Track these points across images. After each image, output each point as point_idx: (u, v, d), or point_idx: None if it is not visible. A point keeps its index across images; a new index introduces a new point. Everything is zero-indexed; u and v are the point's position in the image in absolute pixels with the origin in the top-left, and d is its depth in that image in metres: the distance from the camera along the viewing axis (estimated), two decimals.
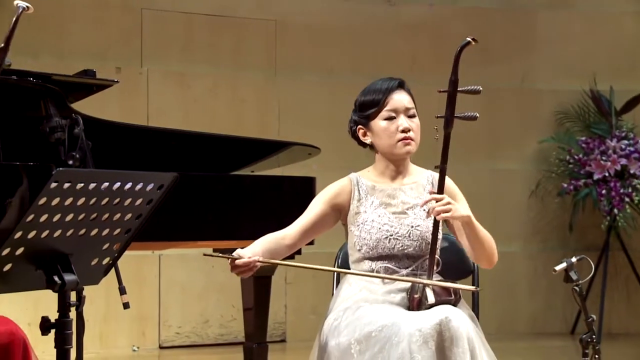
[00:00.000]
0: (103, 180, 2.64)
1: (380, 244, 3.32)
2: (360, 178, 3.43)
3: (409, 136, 3.35)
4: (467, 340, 3.04)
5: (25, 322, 2.79)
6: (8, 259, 2.58)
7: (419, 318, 3.07)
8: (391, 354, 3.01)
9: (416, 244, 3.33)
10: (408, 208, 3.37)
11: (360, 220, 3.37)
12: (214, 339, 7.50)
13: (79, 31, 7.20)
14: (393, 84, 3.43)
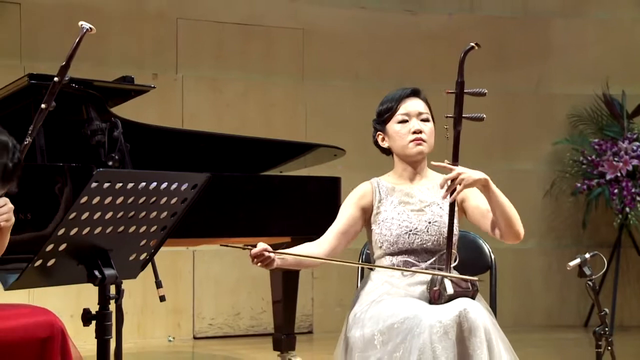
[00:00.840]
0: (140, 180, 2.66)
1: (400, 239, 3.33)
2: (381, 181, 3.46)
3: (420, 137, 3.38)
4: (483, 330, 3.04)
5: (68, 314, 2.81)
6: (52, 254, 2.60)
7: (439, 310, 3.08)
8: (413, 344, 3.01)
9: (434, 239, 3.33)
10: (426, 206, 3.39)
11: (381, 218, 3.38)
12: (245, 330, 7.52)
13: (118, 40, 7.23)
14: (406, 91, 3.46)
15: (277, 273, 5.67)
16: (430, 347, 2.98)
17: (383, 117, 3.45)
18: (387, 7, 8.10)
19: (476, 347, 3.01)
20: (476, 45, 3.28)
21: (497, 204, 3.26)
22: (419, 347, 2.99)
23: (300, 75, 7.90)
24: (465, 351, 3.02)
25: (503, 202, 3.26)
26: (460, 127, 3.29)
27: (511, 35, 8.13)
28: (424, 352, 2.98)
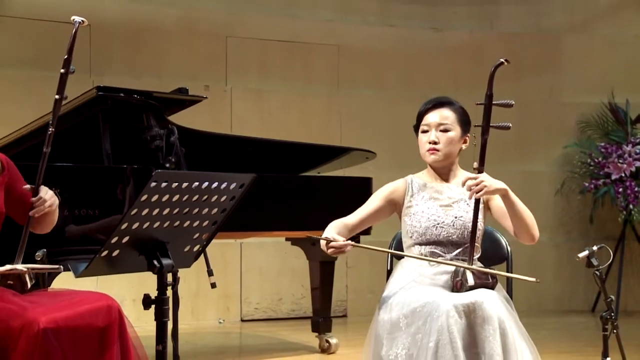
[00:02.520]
0: (194, 180, 2.67)
1: (428, 231, 3.33)
2: (414, 178, 3.46)
3: (433, 147, 3.38)
4: (497, 320, 3.02)
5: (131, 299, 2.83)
6: (116, 246, 2.62)
7: (456, 297, 3.07)
8: (432, 326, 3.00)
9: (459, 232, 3.32)
10: (453, 202, 3.38)
11: (412, 211, 3.38)
12: (286, 314, 7.52)
13: (175, 55, 7.26)
14: (429, 104, 3.46)
15: (315, 263, 5.68)
16: (447, 329, 2.97)
17: (416, 126, 3.46)
18: (414, 24, 8.07)
19: (489, 334, 2.99)
20: (505, 61, 3.24)
21: (514, 212, 3.26)
22: (438, 329, 2.98)
23: (335, 86, 7.90)
24: (478, 337, 3.00)
25: (520, 209, 3.26)
26: (488, 135, 3.28)
27: (526, 49, 8.09)
28: (442, 334, 2.97)
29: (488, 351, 2.98)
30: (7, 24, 6.69)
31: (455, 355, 2.95)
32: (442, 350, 2.96)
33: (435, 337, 2.98)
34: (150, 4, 7.21)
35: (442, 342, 2.97)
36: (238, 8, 7.56)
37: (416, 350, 3.04)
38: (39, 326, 2.50)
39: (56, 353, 2.52)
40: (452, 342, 2.96)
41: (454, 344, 2.96)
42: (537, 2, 8.34)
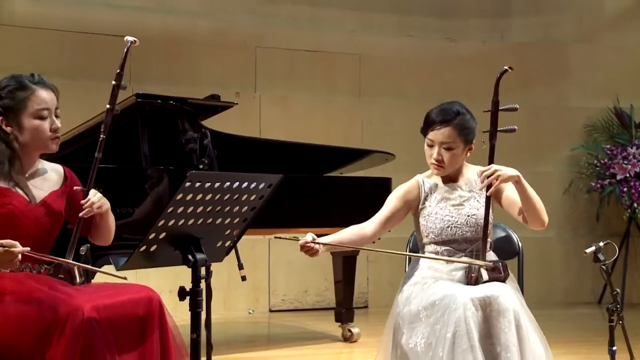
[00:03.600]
0: (226, 181, 2.67)
1: (444, 232, 3.30)
2: (425, 179, 3.41)
3: (437, 164, 3.32)
4: (512, 312, 3.00)
5: (167, 290, 2.84)
6: (154, 241, 2.63)
7: (473, 290, 3.05)
8: (450, 317, 2.99)
9: (473, 229, 3.30)
10: (464, 200, 3.35)
11: (426, 212, 3.35)
12: (311, 305, 7.53)
13: (208, 65, 7.29)
14: (435, 120, 3.33)
15: (339, 258, 5.68)
16: (464, 321, 2.95)
17: (422, 132, 3.38)
18: (430, 35, 8.05)
19: (504, 326, 2.98)
20: (509, 68, 3.23)
21: (526, 197, 3.24)
22: (455, 320, 2.97)
23: (357, 93, 7.89)
24: (494, 329, 2.99)
25: (532, 195, 3.24)
26: (495, 140, 3.27)
27: (536, 59, 8.05)
28: (459, 325, 2.96)
29: (504, 342, 2.96)
30: (51, 35, 6.74)
31: (472, 345, 2.94)
32: (459, 340, 2.95)
33: (452, 328, 2.97)
34: (185, 17, 7.25)
35: (459, 332, 2.96)
36: (266, 20, 7.57)
37: (435, 339, 3.03)
38: (83, 313, 2.51)
39: (99, 339, 2.53)
40: (469, 332, 2.95)
41: (470, 334, 2.95)
42: (546, 14, 8.31)
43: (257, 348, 5.68)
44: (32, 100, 2.78)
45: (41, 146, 2.83)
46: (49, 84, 2.85)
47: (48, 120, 2.80)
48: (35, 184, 2.85)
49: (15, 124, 2.79)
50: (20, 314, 2.58)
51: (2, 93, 2.80)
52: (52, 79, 2.96)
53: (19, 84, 2.80)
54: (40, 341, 2.54)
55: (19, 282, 2.67)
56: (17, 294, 2.63)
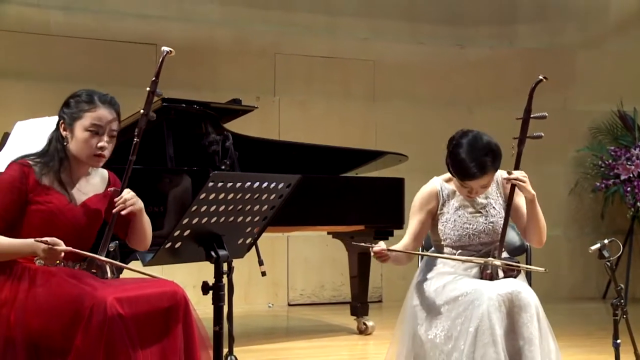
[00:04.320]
0: (246, 181, 2.68)
1: (462, 239, 3.26)
2: (443, 184, 3.33)
3: (473, 197, 3.26)
4: (534, 307, 2.99)
5: (191, 285, 2.84)
6: (178, 238, 2.63)
7: (497, 286, 3.03)
8: (473, 313, 2.97)
9: (489, 236, 3.27)
10: (482, 208, 3.30)
11: (444, 219, 3.30)
12: (328, 299, 7.52)
13: (229, 70, 7.30)
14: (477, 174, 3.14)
15: (354, 254, 5.67)
16: (488, 316, 2.93)
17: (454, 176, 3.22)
18: (440, 42, 8.03)
19: (526, 320, 2.96)
20: (544, 78, 3.19)
21: (535, 217, 3.23)
22: (479, 316, 2.95)
23: (371, 97, 7.88)
24: (516, 324, 2.98)
25: (539, 216, 3.24)
26: (524, 146, 3.25)
27: (542, 64, 8.00)
28: (482, 320, 2.94)
29: (527, 336, 2.95)
30: (83, 44, 6.78)
31: (494, 340, 2.91)
32: (481, 335, 2.93)
33: (475, 323, 2.95)
34: (207, 26, 7.27)
35: (482, 327, 2.93)
36: (284, 28, 7.58)
37: (456, 333, 3.01)
38: (107, 306, 2.52)
39: (122, 330, 2.53)
40: (492, 328, 2.92)
41: (493, 329, 2.92)
42: (552, 20, 8.27)
43: (277, 340, 5.68)
44: (90, 114, 2.79)
45: (83, 158, 2.82)
46: (114, 107, 2.85)
47: (97, 138, 2.79)
48: (80, 187, 2.86)
49: (70, 131, 2.81)
50: (50, 305, 2.59)
51: (71, 100, 2.84)
52: (83, 84, 2.98)
53: (87, 97, 2.82)
54: (68, 331, 2.55)
55: (49, 274, 2.69)
56: (47, 286, 2.65)
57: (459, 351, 2.96)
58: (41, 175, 2.77)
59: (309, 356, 5.07)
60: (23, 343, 2.58)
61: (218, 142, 4.23)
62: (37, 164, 2.79)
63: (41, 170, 2.78)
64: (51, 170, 2.79)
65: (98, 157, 2.82)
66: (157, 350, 2.63)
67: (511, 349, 2.96)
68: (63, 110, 2.85)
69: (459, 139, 3.19)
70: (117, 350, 2.51)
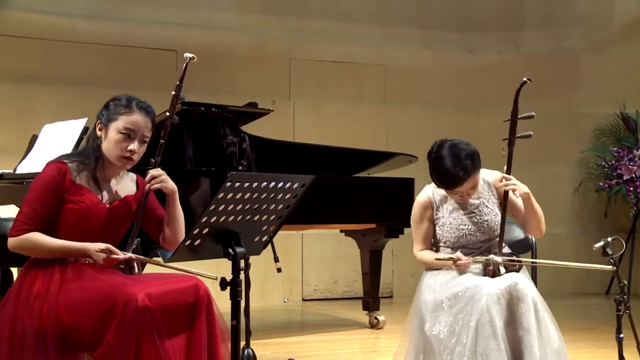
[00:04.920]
0: (262, 181, 2.67)
1: (460, 240, 3.29)
2: (434, 190, 3.36)
3: (466, 199, 3.30)
4: (531, 298, 3.00)
5: (210, 281, 2.84)
6: (197, 236, 2.64)
7: (494, 282, 3.05)
8: (473, 307, 2.99)
9: (486, 234, 3.29)
10: (475, 208, 3.32)
11: (440, 223, 3.33)
12: (341, 295, 7.52)
13: (246, 75, 7.31)
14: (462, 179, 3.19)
15: (366, 252, 5.67)
16: (487, 310, 2.95)
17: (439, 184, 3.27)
18: (450, 47, 8.02)
19: (524, 310, 2.98)
20: (528, 80, 3.19)
21: (532, 211, 3.27)
22: (479, 310, 2.96)
23: (382, 100, 7.88)
24: (515, 315, 2.99)
25: (536, 210, 3.28)
26: (513, 147, 3.25)
27: (548, 68, 7.99)
28: (482, 314, 2.95)
29: (525, 325, 2.96)
30: (106, 50, 6.81)
31: (494, 333, 2.93)
32: (482, 328, 2.94)
33: (476, 317, 2.96)
34: (225, 32, 7.28)
35: (482, 321, 2.95)
36: (299, 34, 7.58)
37: (458, 327, 3.02)
38: (137, 301, 2.54)
39: (151, 324, 2.55)
40: (492, 321, 2.94)
41: (493, 323, 2.94)
42: (557, 26, 8.24)
43: (292, 334, 5.69)
44: (125, 118, 2.80)
45: (112, 159, 2.82)
46: (150, 115, 2.86)
47: (128, 142, 2.80)
48: (111, 187, 2.88)
49: (105, 131, 2.82)
50: (82, 301, 2.62)
51: (111, 103, 2.86)
52: (106, 88, 3.00)
53: (126, 102, 2.84)
54: (100, 325, 2.57)
55: (80, 269, 2.71)
56: (78, 282, 2.67)
57: (462, 345, 2.97)
58: (77, 175, 2.78)
59: (322, 349, 5.07)
60: (53, 335, 2.59)
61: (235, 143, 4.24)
62: (73, 162, 2.80)
63: (77, 169, 2.79)
64: (86, 169, 2.81)
65: (126, 160, 2.82)
66: (182, 341, 2.66)
67: (512, 339, 2.98)
68: (101, 111, 2.87)
69: (437, 151, 3.23)
70: (146, 341, 2.53)
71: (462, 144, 3.22)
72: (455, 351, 3.00)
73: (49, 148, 4.44)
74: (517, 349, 2.97)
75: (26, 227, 2.69)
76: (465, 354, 2.95)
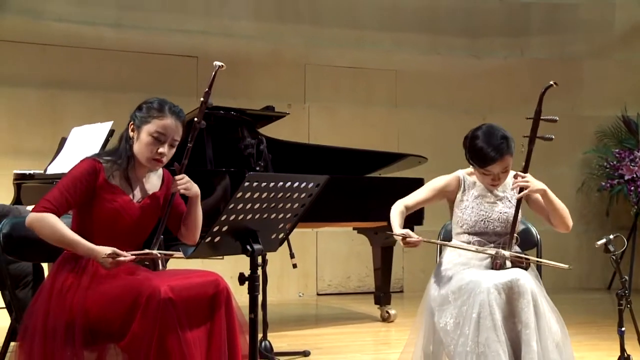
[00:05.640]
0: (279, 181, 2.67)
1: (477, 225, 3.26)
2: (466, 176, 3.35)
3: (497, 183, 3.27)
4: (530, 293, 2.98)
5: (229, 276, 2.84)
6: (217, 233, 2.64)
7: (496, 276, 3.04)
8: (475, 300, 2.98)
9: (503, 225, 3.26)
10: (498, 199, 3.31)
11: (463, 206, 3.31)
12: (353, 289, 7.51)
13: (263, 80, 7.32)
14: (495, 157, 3.16)
15: (377, 248, 5.66)
16: (488, 303, 2.95)
17: (475, 163, 3.22)
18: (457, 53, 7.99)
19: (524, 305, 2.96)
20: (554, 84, 3.18)
21: (553, 207, 3.23)
22: (480, 302, 2.96)
23: (393, 104, 7.86)
24: (515, 309, 2.97)
25: (558, 205, 3.22)
26: (533, 145, 3.23)
27: (552, 72, 7.88)
28: (483, 307, 2.95)
29: (524, 320, 2.95)
30: (133, 57, 6.84)
31: (495, 324, 2.92)
32: (483, 320, 2.94)
33: (477, 310, 2.95)
34: (244, 40, 7.29)
35: (483, 313, 2.94)
36: (314, 41, 7.58)
37: (462, 319, 3.01)
38: (160, 294, 2.55)
39: (174, 315, 2.56)
40: (492, 313, 2.93)
41: (494, 315, 2.93)
42: (561, 32, 8.20)
43: (307, 326, 5.69)
44: (157, 122, 2.79)
45: (142, 160, 2.83)
46: (181, 119, 2.85)
47: (159, 145, 2.80)
48: (141, 186, 2.88)
49: (137, 132, 2.82)
50: (110, 295, 2.64)
51: (144, 105, 2.85)
52: (131, 93, 3.01)
53: (158, 106, 2.82)
54: (126, 317, 2.59)
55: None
56: (107, 278, 2.70)
57: (464, 336, 2.97)
58: (110, 174, 2.78)
59: (336, 341, 5.07)
60: (82, 327, 2.62)
61: (253, 145, 4.25)
62: (107, 162, 2.80)
63: (111, 169, 2.79)
64: (120, 168, 2.81)
65: (156, 162, 2.82)
66: (203, 333, 2.67)
67: (511, 333, 2.97)
68: (135, 113, 2.85)
69: (474, 132, 3.24)
70: (168, 332, 2.54)
71: (497, 127, 3.22)
72: (459, 341, 3.00)
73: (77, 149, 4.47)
74: (516, 342, 2.96)
75: (50, 207, 2.67)
76: (468, 345, 2.95)
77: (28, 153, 6.24)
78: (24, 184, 4.70)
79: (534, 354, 2.90)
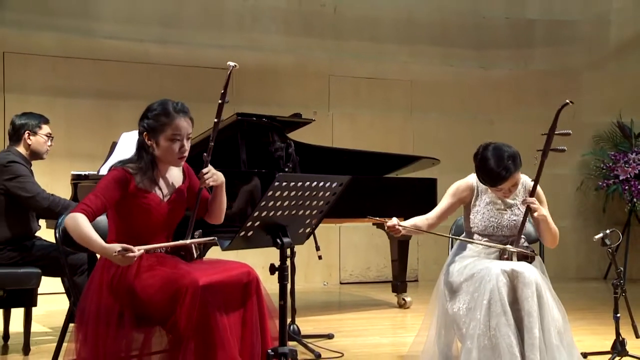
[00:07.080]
0: (306, 180, 2.67)
1: (487, 229, 3.25)
2: (479, 182, 3.30)
3: (508, 195, 3.24)
4: (535, 285, 2.95)
5: (260, 267, 2.84)
6: (250, 228, 2.65)
7: (503, 265, 3.03)
8: (486, 287, 2.97)
9: (511, 230, 3.25)
10: (508, 207, 3.27)
11: (475, 210, 3.29)
12: (373, 279, 7.50)
13: (291, 90, 7.33)
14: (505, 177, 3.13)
15: (395, 241, 5.64)
16: (497, 290, 2.94)
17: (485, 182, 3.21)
18: (467, 64, 7.94)
19: (528, 295, 2.94)
20: (570, 102, 3.15)
21: (546, 231, 3.21)
22: (490, 289, 2.95)
23: (409, 111, 7.83)
24: (520, 297, 2.95)
25: (551, 229, 3.20)
26: (546, 158, 3.21)
27: (554, 82, 7.86)
28: (492, 293, 2.94)
29: (527, 309, 2.93)
30: (173, 70, 6.89)
31: (504, 310, 2.91)
32: (494, 306, 2.92)
33: (488, 296, 2.94)
34: (273, 53, 7.31)
35: (494, 299, 2.93)
36: (337, 55, 7.58)
37: (474, 305, 3.00)
38: (199, 285, 2.56)
39: (211, 302, 2.58)
40: (502, 300, 2.92)
41: (503, 301, 2.92)
42: (562, 45, 8.11)
43: (331, 312, 5.69)
44: (170, 126, 2.77)
45: (171, 163, 2.84)
46: (187, 113, 2.83)
47: (179, 143, 2.79)
48: (166, 183, 2.88)
49: (154, 141, 2.79)
50: (156, 285, 2.66)
51: (149, 114, 2.80)
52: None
53: (164, 110, 2.78)
54: (170, 304, 2.61)
55: (152, 260, 2.75)
56: (152, 270, 2.71)
57: (476, 320, 2.95)
58: (140, 182, 2.78)
59: (357, 325, 5.06)
60: (130, 312, 2.65)
61: (282, 148, 4.25)
62: (136, 172, 2.78)
63: (141, 179, 2.78)
64: (146, 176, 2.80)
65: (182, 159, 2.84)
66: (237, 318, 2.68)
67: (515, 318, 2.94)
68: (144, 123, 2.79)
69: (483, 153, 3.18)
70: (207, 317, 2.56)
71: (504, 147, 3.17)
72: (470, 325, 2.98)
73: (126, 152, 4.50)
74: (520, 327, 2.93)
75: (86, 208, 2.63)
76: (479, 327, 2.93)
77: (83, 156, 6.33)
78: (79, 184, 4.75)
79: (536, 340, 2.88)
